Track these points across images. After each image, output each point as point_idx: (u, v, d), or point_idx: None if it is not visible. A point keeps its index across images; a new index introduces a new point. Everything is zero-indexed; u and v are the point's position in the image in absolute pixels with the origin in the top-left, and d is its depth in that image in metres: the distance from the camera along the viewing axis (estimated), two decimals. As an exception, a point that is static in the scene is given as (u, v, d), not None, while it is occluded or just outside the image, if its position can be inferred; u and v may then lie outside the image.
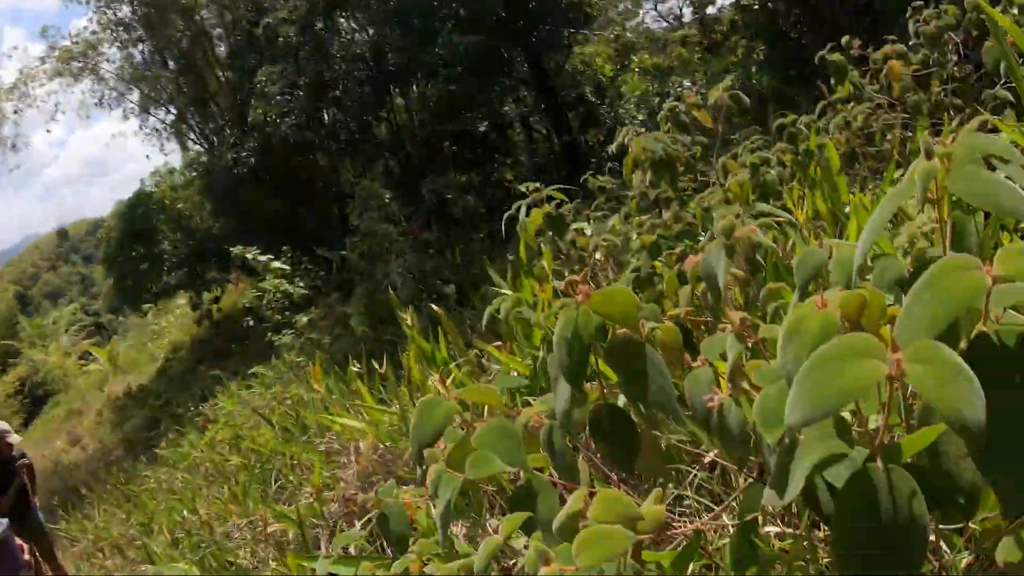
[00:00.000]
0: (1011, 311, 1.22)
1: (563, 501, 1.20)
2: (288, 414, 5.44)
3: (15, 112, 17.54)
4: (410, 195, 9.58)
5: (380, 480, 3.35)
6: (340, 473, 4.00)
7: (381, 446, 3.70)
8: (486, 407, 2.10)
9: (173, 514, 5.14)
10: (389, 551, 2.28)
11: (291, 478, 4.24)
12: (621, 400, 1.45)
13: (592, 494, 1.06)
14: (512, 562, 1.44)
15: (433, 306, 3.83)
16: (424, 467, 1.45)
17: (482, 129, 11.76)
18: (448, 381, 3.15)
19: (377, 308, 6.34)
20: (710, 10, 12.35)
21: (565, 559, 1.01)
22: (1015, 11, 3.61)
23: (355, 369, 4.38)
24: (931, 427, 0.83)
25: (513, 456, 1.28)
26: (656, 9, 21.81)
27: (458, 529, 2.70)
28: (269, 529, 3.80)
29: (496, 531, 1.40)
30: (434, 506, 1.46)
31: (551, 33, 11.31)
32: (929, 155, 1.08)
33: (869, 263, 1.83)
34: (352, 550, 3.15)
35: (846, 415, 0.95)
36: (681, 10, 17.85)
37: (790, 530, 1.70)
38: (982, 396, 0.66)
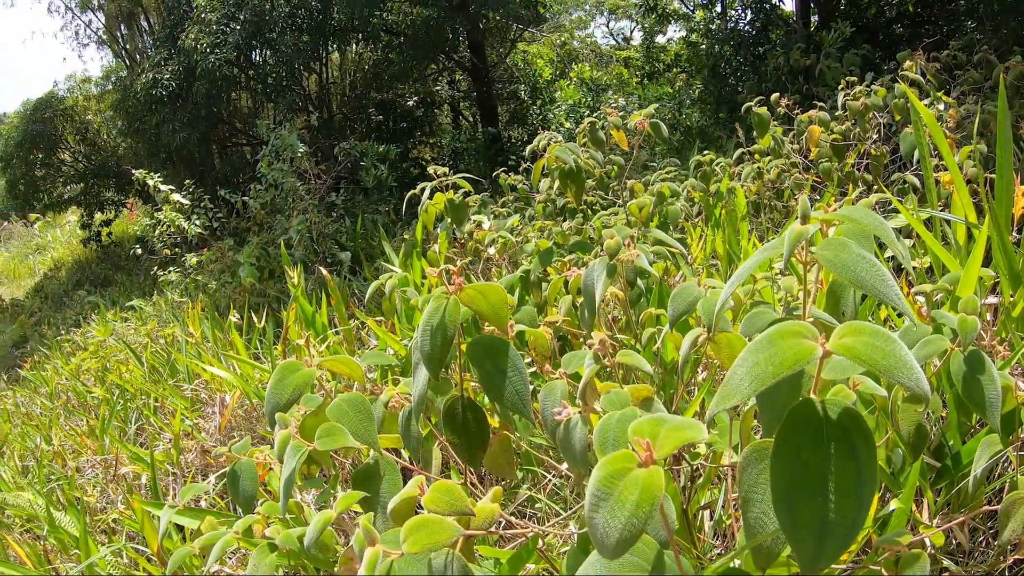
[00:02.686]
0: (871, 382, 1.30)
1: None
2: (160, 354, 5.25)
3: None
4: (325, 154, 9.35)
5: (242, 436, 3.28)
6: (203, 423, 3.90)
7: (247, 402, 3.63)
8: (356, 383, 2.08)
9: (27, 440, 4.88)
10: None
11: (153, 420, 4.10)
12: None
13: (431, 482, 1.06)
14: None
15: (323, 269, 3.75)
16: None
17: (411, 103, 11.58)
18: (322, 347, 3.11)
19: (269, 262, 6.19)
20: (659, 38, 12.59)
21: (392, 543, 1.02)
22: (940, 106, 3.83)
23: (234, 319, 4.25)
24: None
25: (363, 432, 1.28)
26: (608, 26, 22.11)
27: (311, 497, 2.68)
28: (122, 470, 3.67)
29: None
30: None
31: (500, 24, 11.28)
32: (804, 219, 1.13)
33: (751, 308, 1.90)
34: (204, 504, 3.07)
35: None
36: (632, 32, 18.14)
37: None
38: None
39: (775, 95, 4.23)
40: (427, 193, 2.79)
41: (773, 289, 2.03)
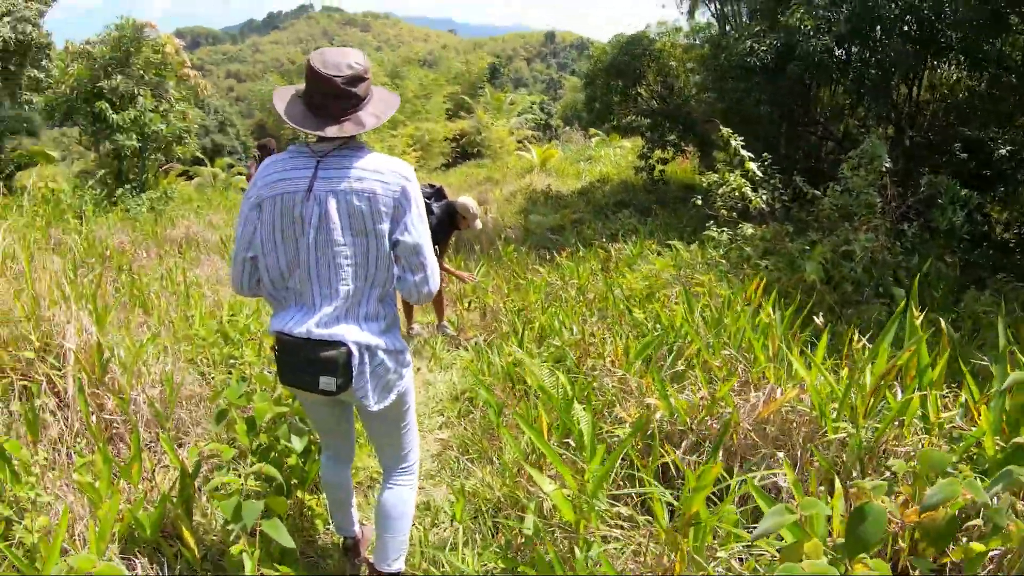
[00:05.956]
0: None
1: None
2: (710, 310, 5.76)
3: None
4: (898, 176, 8.90)
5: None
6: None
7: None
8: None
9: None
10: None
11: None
12: None
13: None
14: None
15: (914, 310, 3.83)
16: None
17: (1003, 151, 9.80)
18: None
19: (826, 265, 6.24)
20: None
21: None
22: None
23: (817, 322, 4.56)
24: None
25: None
26: None
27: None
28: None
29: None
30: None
31: None
32: None
33: None
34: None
35: None
36: None
37: None
38: None
39: None
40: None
41: None
